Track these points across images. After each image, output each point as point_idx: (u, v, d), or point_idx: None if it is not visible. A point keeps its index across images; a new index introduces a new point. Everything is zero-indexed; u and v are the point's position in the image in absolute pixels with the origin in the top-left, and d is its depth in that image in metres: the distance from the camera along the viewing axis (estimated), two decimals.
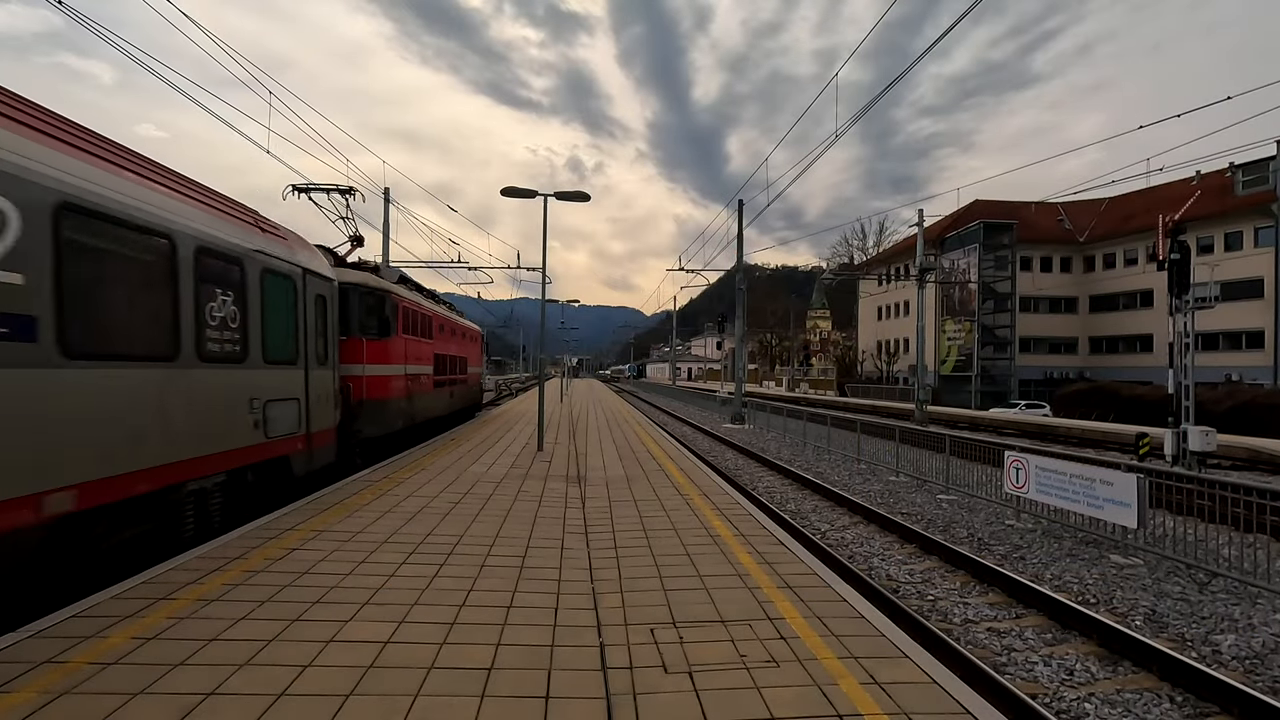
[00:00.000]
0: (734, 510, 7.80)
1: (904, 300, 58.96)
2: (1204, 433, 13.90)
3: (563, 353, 59.01)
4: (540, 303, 14.74)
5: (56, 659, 3.50)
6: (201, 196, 6.69)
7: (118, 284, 5.40)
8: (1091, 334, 52.31)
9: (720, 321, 64.12)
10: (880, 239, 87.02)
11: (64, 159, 4.84)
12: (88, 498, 4.82)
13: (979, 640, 5.80)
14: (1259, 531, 7.20)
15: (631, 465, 11.39)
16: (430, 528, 6.59)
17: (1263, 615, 6.14)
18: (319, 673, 3.44)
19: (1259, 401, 25.93)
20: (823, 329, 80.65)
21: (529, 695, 3.26)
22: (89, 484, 4.84)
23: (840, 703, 3.27)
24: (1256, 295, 38.94)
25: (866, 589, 6.78)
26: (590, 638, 4.00)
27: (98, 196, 5.07)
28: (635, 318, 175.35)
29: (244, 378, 7.04)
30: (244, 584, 4.78)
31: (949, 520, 10.20)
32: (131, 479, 5.28)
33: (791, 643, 3.98)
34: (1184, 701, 4.69)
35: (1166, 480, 8.34)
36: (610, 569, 5.40)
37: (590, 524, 7.01)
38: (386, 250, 22.12)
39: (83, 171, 4.99)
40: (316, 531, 6.30)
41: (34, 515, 4.38)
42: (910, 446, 14.94)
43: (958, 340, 51.43)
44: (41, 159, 4.62)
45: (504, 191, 12.16)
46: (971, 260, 50.18)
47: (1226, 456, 16.49)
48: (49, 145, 4.78)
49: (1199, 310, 15.08)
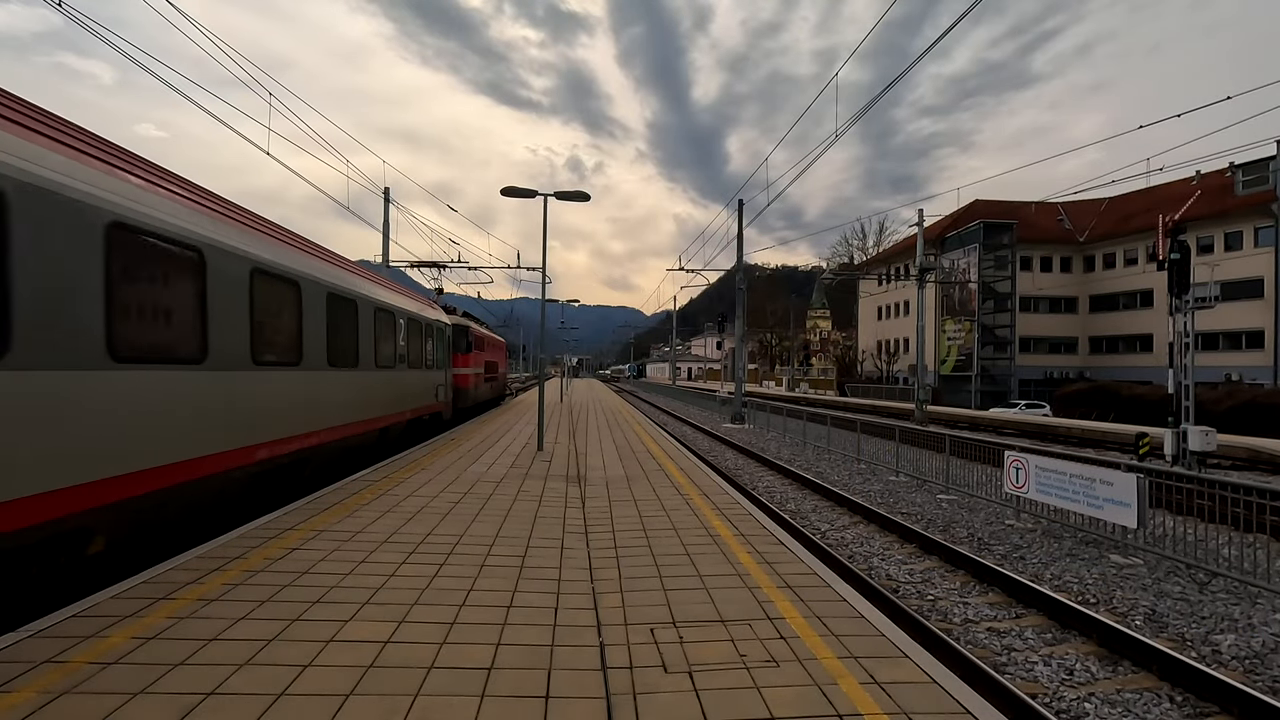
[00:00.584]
0: (734, 510, 7.80)
1: (904, 300, 58.96)
2: (1204, 432, 13.89)
3: (563, 352, 58.99)
4: (540, 302, 14.74)
5: (56, 659, 3.50)
6: (413, 297, 15.18)
7: (389, 335, 12.24)
8: (1091, 334, 52.32)
9: (720, 321, 64.11)
10: (880, 239, 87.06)
11: (352, 277, 11.27)
12: (400, 417, 12.97)
13: (979, 640, 5.81)
14: (1259, 531, 7.21)
15: (631, 465, 11.39)
16: (430, 527, 6.59)
17: (1262, 615, 6.14)
18: (319, 672, 3.44)
19: (1259, 401, 25.94)
20: (823, 329, 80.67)
21: (529, 695, 3.26)
22: (399, 413, 12.84)
23: (840, 702, 3.27)
24: (1256, 295, 38.95)
25: (866, 589, 6.79)
26: (590, 637, 4.00)
27: (408, 316, 13.66)
28: (635, 317, 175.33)
29: (431, 375, 15.75)
30: (244, 584, 4.77)
31: (949, 520, 10.20)
32: (399, 416, 12.96)
33: (791, 642, 3.98)
34: (1184, 701, 4.70)
35: (1166, 480, 8.35)
36: (610, 569, 5.40)
37: (590, 524, 7.01)
38: (386, 250, 22.12)
39: (371, 289, 11.49)
40: (316, 531, 6.30)
41: (366, 428, 10.93)
42: (910, 446, 14.94)
43: (958, 340, 51.43)
44: (348, 279, 11.01)
45: (504, 191, 12.15)
46: (971, 260, 50.18)
47: (1226, 456, 16.48)
48: (317, 257, 9.59)
49: (1199, 310, 15.08)
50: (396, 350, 12.64)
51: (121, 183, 5.41)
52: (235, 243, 6.98)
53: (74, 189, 4.81)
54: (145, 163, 6.21)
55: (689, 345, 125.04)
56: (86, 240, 4.90)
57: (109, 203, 5.13)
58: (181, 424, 5.97)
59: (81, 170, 4.98)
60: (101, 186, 5.13)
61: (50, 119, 5.20)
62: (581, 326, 70.00)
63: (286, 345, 8.03)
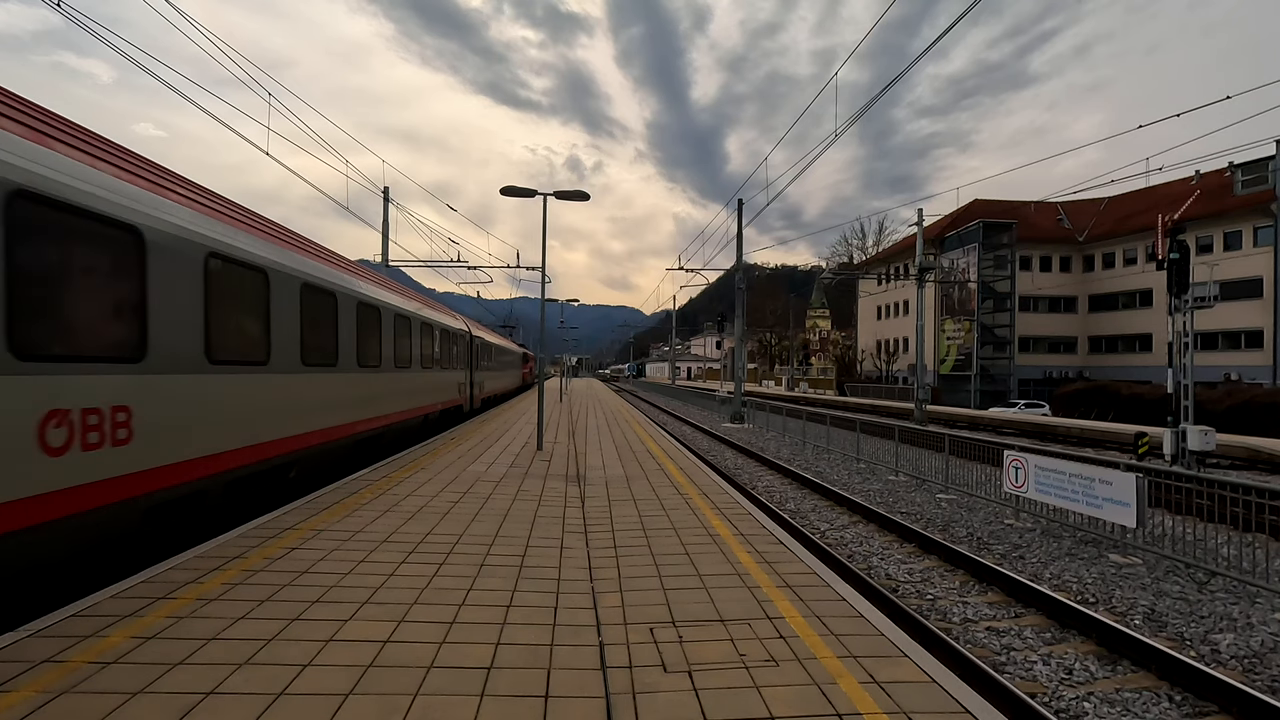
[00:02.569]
0: (733, 509, 7.80)
1: (903, 300, 58.98)
2: (1203, 432, 13.90)
3: (562, 352, 59.01)
4: (540, 302, 14.74)
5: (56, 658, 3.50)
6: (457, 317, 20.26)
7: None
8: (1091, 333, 52.35)
9: (720, 321, 64.12)
10: (880, 238, 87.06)
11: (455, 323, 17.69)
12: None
13: (978, 639, 5.81)
14: (1258, 531, 7.21)
15: (631, 464, 11.39)
16: (430, 527, 6.59)
17: (1261, 614, 6.15)
18: (318, 672, 3.44)
19: (1258, 401, 25.97)
20: (822, 328, 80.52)
21: (528, 694, 3.26)
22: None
23: (840, 702, 3.28)
24: (1255, 295, 38.98)
25: (866, 588, 6.79)
26: (590, 637, 4.00)
27: (481, 342, 23.22)
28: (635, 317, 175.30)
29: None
30: (243, 583, 4.77)
31: (948, 519, 10.21)
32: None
33: (791, 642, 3.98)
34: (1183, 700, 4.70)
35: (1165, 479, 8.36)
36: (610, 568, 5.41)
37: (590, 523, 7.01)
38: (386, 250, 22.10)
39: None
40: (316, 531, 6.29)
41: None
42: (909, 446, 14.95)
43: (957, 339, 51.45)
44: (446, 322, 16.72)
45: (503, 191, 12.14)
46: (971, 260, 50.19)
47: (1225, 456, 16.50)
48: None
49: (1198, 310, 15.08)
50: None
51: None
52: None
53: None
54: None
55: (688, 345, 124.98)
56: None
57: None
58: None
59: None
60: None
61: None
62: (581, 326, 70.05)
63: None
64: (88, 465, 4.66)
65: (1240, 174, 40.22)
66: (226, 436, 6.48)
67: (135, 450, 5.14)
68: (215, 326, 6.27)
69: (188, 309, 5.92)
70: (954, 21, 8.80)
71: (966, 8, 8.52)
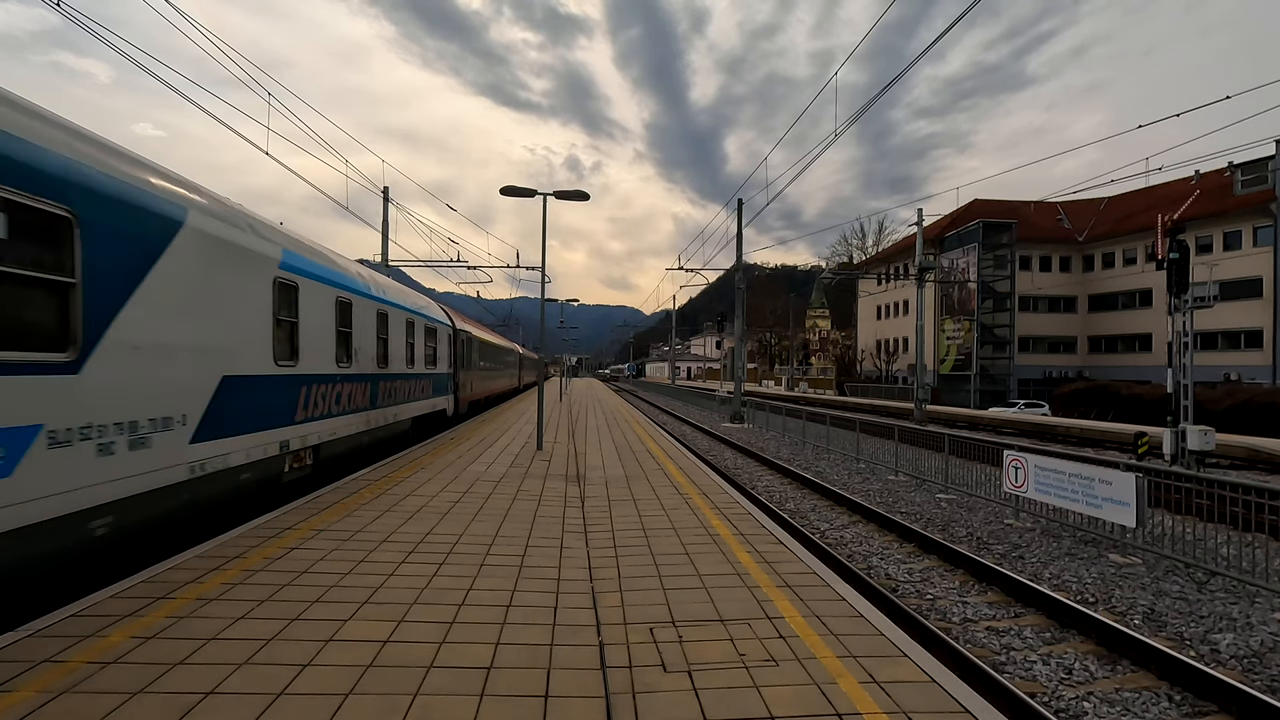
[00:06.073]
0: (733, 509, 7.81)
1: (903, 299, 58.97)
2: (1202, 432, 13.90)
3: (562, 351, 59.02)
4: (540, 302, 14.74)
5: (56, 658, 3.50)
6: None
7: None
8: (1090, 333, 52.35)
9: (719, 321, 64.10)
10: (879, 238, 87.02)
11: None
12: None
13: (978, 639, 5.81)
14: (1257, 530, 7.20)
15: (631, 464, 11.39)
16: (429, 527, 6.59)
17: (1261, 614, 6.15)
18: (318, 672, 3.44)
19: (1258, 400, 25.97)
20: (822, 328, 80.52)
21: (528, 694, 3.26)
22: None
23: (839, 701, 3.28)
24: (1255, 295, 38.97)
25: (865, 588, 6.79)
26: (589, 637, 4.00)
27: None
28: (634, 317, 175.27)
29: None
30: (243, 583, 4.77)
31: (948, 519, 10.21)
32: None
33: (790, 642, 3.98)
34: (1182, 700, 4.70)
35: (1165, 479, 8.36)
36: (609, 568, 5.41)
37: (589, 523, 7.01)
38: (386, 250, 22.09)
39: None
40: (315, 530, 6.30)
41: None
42: (909, 446, 14.95)
43: (957, 339, 51.45)
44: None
45: (503, 190, 12.14)
46: (971, 259, 50.19)
47: (1225, 455, 16.50)
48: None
49: (1198, 309, 15.08)
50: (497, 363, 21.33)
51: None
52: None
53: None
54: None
55: (688, 344, 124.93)
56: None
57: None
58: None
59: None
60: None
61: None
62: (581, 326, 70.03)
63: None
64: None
65: (1240, 174, 40.21)
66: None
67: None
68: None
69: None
70: (951, 23, 8.81)
71: (964, 10, 8.53)
